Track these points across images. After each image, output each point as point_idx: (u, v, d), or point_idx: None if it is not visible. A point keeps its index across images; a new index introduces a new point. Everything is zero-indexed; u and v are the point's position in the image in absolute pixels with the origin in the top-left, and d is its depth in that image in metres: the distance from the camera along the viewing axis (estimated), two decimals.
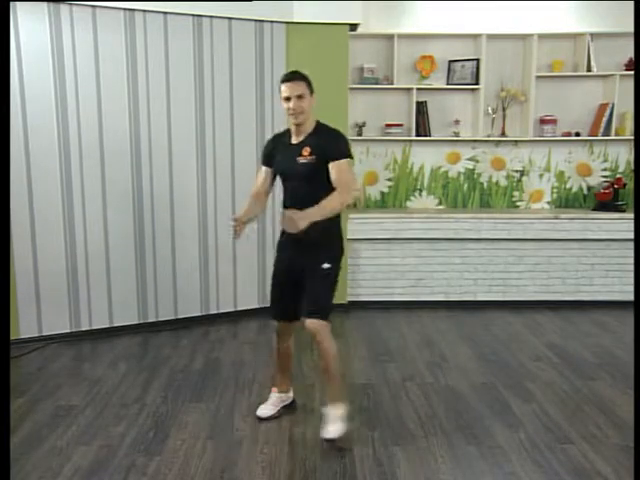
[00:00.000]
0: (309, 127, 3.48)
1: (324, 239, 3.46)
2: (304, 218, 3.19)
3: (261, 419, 3.78)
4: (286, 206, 3.52)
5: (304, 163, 3.43)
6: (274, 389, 3.91)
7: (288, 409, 3.92)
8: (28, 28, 4.78)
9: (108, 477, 3.17)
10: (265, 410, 3.83)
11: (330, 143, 3.42)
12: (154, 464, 3.28)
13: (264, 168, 3.72)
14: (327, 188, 3.39)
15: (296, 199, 3.45)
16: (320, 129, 3.50)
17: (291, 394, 3.97)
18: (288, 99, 3.39)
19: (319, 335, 3.45)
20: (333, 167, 3.39)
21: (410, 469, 3.24)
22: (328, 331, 3.49)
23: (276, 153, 3.62)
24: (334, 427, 3.49)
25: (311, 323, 3.45)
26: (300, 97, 3.38)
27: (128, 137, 5.23)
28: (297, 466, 3.27)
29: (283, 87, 3.41)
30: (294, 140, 3.52)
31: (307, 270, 3.50)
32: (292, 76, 3.43)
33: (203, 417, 3.83)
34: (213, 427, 3.70)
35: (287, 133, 3.60)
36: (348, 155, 3.44)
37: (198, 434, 3.61)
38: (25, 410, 3.93)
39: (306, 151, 3.43)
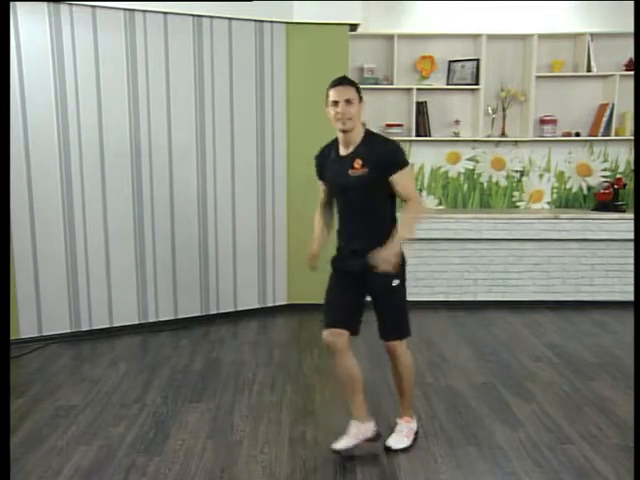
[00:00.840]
0: (358, 136, 3.26)
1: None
2: (394, 252, 3.19)
3: (335, 452, 3.37)
4: (341, 221, 3.39)
5: (356, 176, 3.22)
6: (352, 420, 3.47)
7: (371, 442, 3.47)
8: (28, 28, 4.78)
9: (108, 477, 3.17)
10: (342, 442, 3.39)
11: (387, 156, 3.22)
12: (154, 464, 3.28)
13: (320, 182, 3.52)
14: (382, 200, 3.29)
15: (351, 213, 3.33)
16: (371, 138, 3.29)
17: (372, 425, 3.46)
18: (336, 103, 3.18)
19: (396, 355, 3.42)
20: (397, 180, 3.22)
21: (410, 469, 3.24)
22: (405, 347, 3.44)
23: (326, 166, 3.41)
24: (400, 439, 3.46)
25: (392, 345, 3.40)
26: (348, 102, 3.18)
27: (128, 137, 5.23)
28: (297, 466, 3.27)
29: (331, 92, 3.21)
30: (343, 152, 3.30)
31: (376, 288, 3.37)
32: (341, 81, 3.24)
33: (203, 417, 3.83)
34: (213, 427, 3.70)
35: (335, 144, 3.36)
36: (406, 162, 3.27)
37: (198, 434, 3.61)
38: (25, 410, 3.93)
39: (358, 164, 3.21)
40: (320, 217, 3.58)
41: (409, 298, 4.61)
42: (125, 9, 5.05)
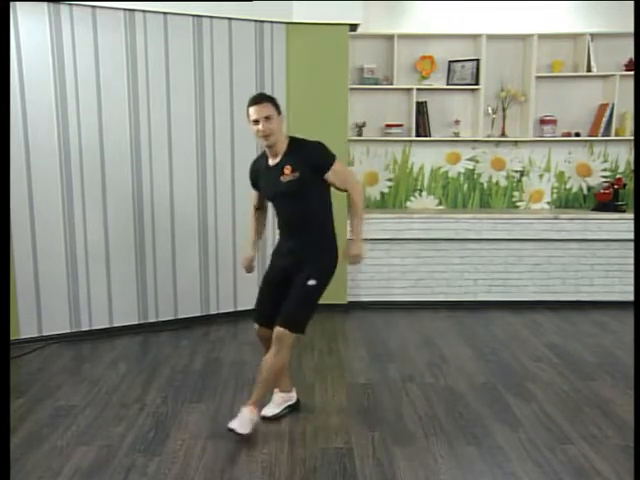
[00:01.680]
0: (283, 146, 3.49)
1: (314, 253, 3.53)
2: (360, 244, 3.56)
3: (265, 418, 3.74)
4: (281, 227, 3.64)
5: (288, 181, 3.44)
6: (276, 389, 3.87)
7: (293, 409, 3.90)
8: (28, 28, 4.78)
9: (108, 477, 3.16)
10: (269, 409, 3.80)
11: (313, 156, 3.47)
12: (154, 464, 3.28)
13: (255, 192, 3.82)
14: (315, 200, 3.51)
15: (289, 218, 3.57)
16: (295, 145, 3.51)
17: (294, 394, 3.94)
18: (257, 122, 3.40)
19: (279, 344, 3.48)
20: (330, 175, 3.47)
21: (410, 469, 3.24)
22: (289, 343, 3.51)
23: (259, 178, 3.67)
24: (243, 424, 3.49)
25: (278, 331, 3.47)
26: (268, 118, 3.39)
27: (128, 137, 5.23)
28: (297, 466, 3.27)
29: (250, 110, 3.42)
30: (271, 162, 3.54)
31: (294, 281, 3.52)
32: (258, 99, 3.44)
33: (203, 417, 3.83)
34: (213, 427, 3.70)
35: (264, 156, 3.62)
36: (334, 156, 3.50)
37: (198, 434, 3.61)
38: (25, 410, 3.93)
39: (287, 169, 3.44)
40: (253, 220, 3.91)
41: (409, 298, 4.71)
42: (125, 9, 5.05)
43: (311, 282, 3.48)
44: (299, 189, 3.44)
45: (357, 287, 6.18)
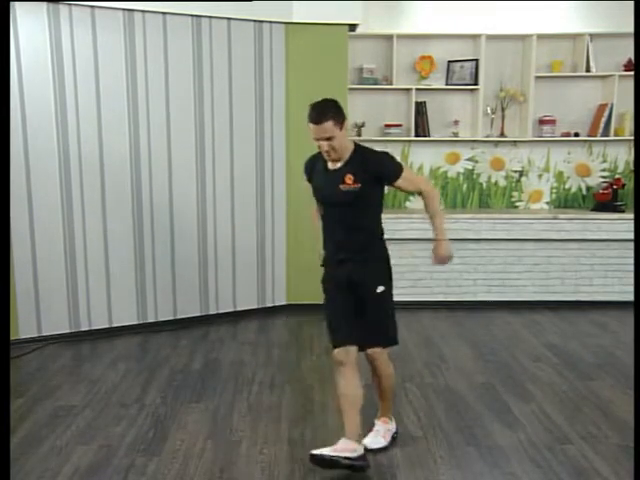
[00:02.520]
0: (346, 153, 3.24)
1: (371, 257, 3.34)
2: (446, 243, 3.45)
3: (312, 456, 3.21)
4: (328, 233, 3.39)
5: (347, 191, 3.21)
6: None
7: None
8: (27, 28, 4.78)
9: (107, 477, 3.17)
10: (322, 450, 3.21)
11: (380, 167, 3.25)
12: (153, 464, 3.28)
13: (308, 182, 3.52)
14: (369, 213, 3.33)
15: (337, 226, 3.32)
16: (360, 154, 3.27)
17: (360, 447, 3.28)
18: (318, 139, 3.17)
19: (378, 361, 3.39)
20: (403, 184, 3.29)
21: (409, 469, 3.24)
22: (386, 356, 3.42)
23: (313, 177, 3.42)
24: (376, 439, 3.46)
25: (374, 352, 3.35)
26: (329, 139, 3.14)
27: (127, 137, 5.23)
28: (296, 467, 3.27)
29: (311, 127, 3.16)
30: (331, 166, 3.29)
31: (360, 295, 3.31)
32: (318, 118, 3.13)
33: (202, 417, 3.83)
34: (212, 427, 3.70)
35: (322, 156, 3.31)
36: (401, 165, 3.31)
37: (197, 434, 3.61)
38: (25, 410, 3.93)
39: (349, 179, 3.20)
40: (317, 220, 3.55)
41: (408, 298, 4.67)
42: (124, 9, 5.04)
43: (380, 289, 3.32)
44: (357, 200, 3.22)
45: None
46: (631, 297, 6.11)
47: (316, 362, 4.81)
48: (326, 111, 3.15)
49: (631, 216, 6.06)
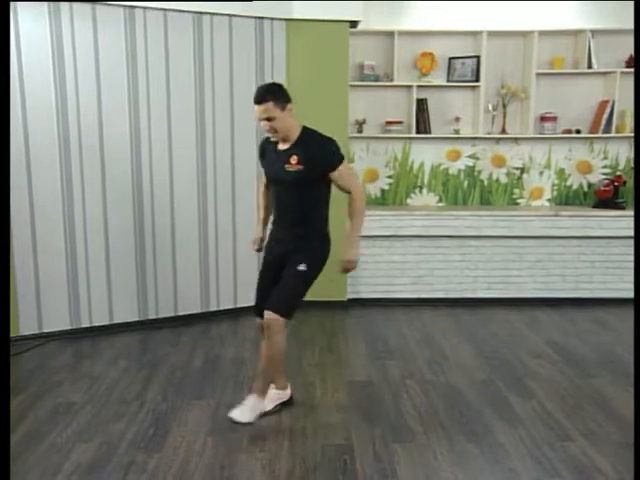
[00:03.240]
0: (294, 135, 3.48)
1: (306, 242, 3.55)
2: (356, 249, 3.53)
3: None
4: (277, 213, 3.66)
5: (292, 171, 3.45)
6: (272, 385, 3.83)
7: (286, 406, 3.89)
8: (28, 24, 4.77)
9: (108, 474, 3.17)
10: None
11: (321, 154, 3.45)
12: (154, 461, 3.29)
13: (262, 162, 3.78)
14: (314, 195, 3.53)
15: (283, 204, 3.59)
16: (307, 137, 3.49)
17: (289, 391, 3.93)
18: (260, 119, 3.42)
19: (269, 330, 3.49)
20: (335, 176, 3.46)
21: (410, 466, 3.24)
22: (281, 326, 3.50)
23: (266, 156, 3.68)
24: (242, 412, 3.53)
25: (268, 314, 3.47)
26: (269, 119, 3.38)
27: (128, 134, 5.23)
28: (297, 463, 3.27)
29: (255, 108, 3.40)
30: (281, 146, 3.53)
31: (285, 267, 3.55)
32: (258, 98, 3.38)
33: (203, 414, 3.84)
34: (213, 424, 3.70)
35: None
36: (342, 158, 3.49)
37: (198, 431, 3.61)
38: (25, 407, 3.93)
39: (294, 159, 3.44)
40: (262, 199, 3.89)
41: (409, 295, 4.67)
42: (125, 6, 5.03)
43: (301, 267, 3.49)
44: (301, 181, 3.44)
45: (357, 284, 6.17)
46: (631, 294, 6.11)
47: (317, 358, 4.81)
48: (266, 93, 3.40)
49: (632, 213, 6.05)
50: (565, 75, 6.36)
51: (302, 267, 3.49)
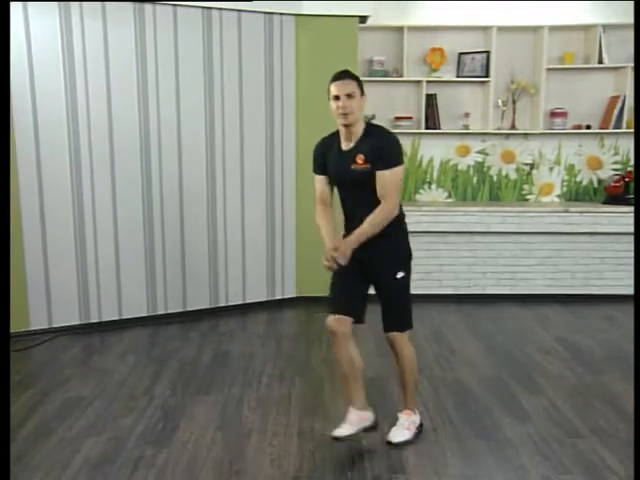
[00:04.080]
0: (359, 130, 3.26)
1: (387, 244, 3.31)
2: (347, 247, 3.20)
3: (336, 439, 3.34)
4: (347, 215, 3.41)
5: (359, 171, 3.23)
6: (351, 407, 3.44)
7: (368, 431, 3.47)
8: (38, 21, 4.78)
9: (117, 468, 3.18)
10: (342, 430, 3.34)
11: (382, 151, 3.21)
12: (163, 456, 3.30)
13: (318, 177, 3.47)
14: None
15: (354, 206, 3.35)
16: (372, 132, 3.28)
17: (371, 414, 3.47)
18: (337, 98, 3.18)
19: (398, 346, 3.44)
20: (379, 177, 3.21)
21: (419, 462, 3.24)
22: (407, 339, 3.47)
23: (328, 159, 3.39)
24: (400, 432, 3.45)
25: (393, 336, 3.43)
26: (350, 96, 3.16)
27: (138, 130, 5.24)
28: (306, 459, 3.28)
29: (332, 86, 3.20)
30: (344, 146, 3.31)
31: (380, 279, 3.39)
32: (342, 75, 3.22)
33: (212, 409, 3.84)
34: (222, 419, 3.71)
35: (336, 137, 3.36)
36: (399, 163, 3.25)
37: (207, 426, 3.62)
38: (35, 402, 3.95)
39: (360, 159, 3.22)
40: (323, 217, 3.49)
41: (417, 291, 4.56)
42: (134, 1, 5.04)
43: (399, 275, 3.36)
44: (369, 180, 3.22)
45: None
46: None
47: (325, 354, 4.81)
48: (350, 73, 3.27)
49: None
50: (575, 70, 6.33)
51: (400, 274, 3.36)
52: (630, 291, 6.15)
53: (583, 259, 6.18)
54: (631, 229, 6.02)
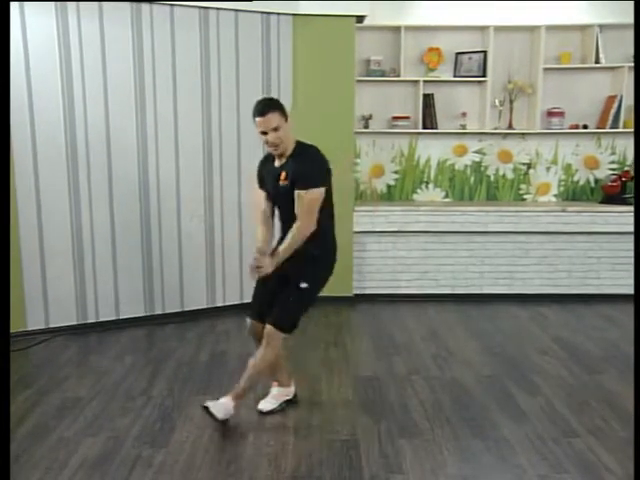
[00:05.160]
0: (289, 150, 3.47)
1: (307, 257, 3.48)
2: (273, 264, 3.41)
3: (262, 413, 3.77)
4: (280, 219, 3.65)
5: (283, 186, 3.46)
6: (275, 383, 3.87)
7: (290, 403, 3.89)
8: (35, 21, 4.77)
9: (114, 469, 3.18)
10: (267, 404, 3.82)
11: (300, 173, 3.39)
12: (160, 456, 3.29)
13: (258, 190, 3.73)
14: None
15: (285, 215, 3.57)
16: (300, 153, 3.47)
17: (292, 388, 3.93)
18: (264, 133, 3.37)
19: (267, 342, 3.51)
20: (298, 195, 3.40)
21: (416, 461, 3.24)
22: (278, 343, 3.55)
23: (265, 174, 3.65)
24: (219, 408, 3.51)
25: (269, 329, 3.51)
26: (276, 129, 3.35)
27: (135, 130, 5.23)
28: (303, 459, 3.27)
29: (257, 121, 3.37)
30: (277, 163, 3.53)
31: (287, 281, 3.52)
32: (264, 110, 3.36)
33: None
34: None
35: (271, 156, 3.59)
36: (316, 185, 3.39)
37: (204, 426, 3.61)
38: (32, 402, 3.94)
39: (283, 175, 3.46)
40: (262, 222, 3.69)
41: (414, 291, 4.65)
42: (132, 0, 5.03)
43: (303, 285, 3.50)
44: (291, 196, 3.42)
45: (363, 280, 6.17)
46: None
47: (322, 354, 4.82)
48: (271, 103, 3.45)
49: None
50: (572, 70, 6.34)
51: (304, 285, 3.50)
52: (627, 290, 6.16)
53: (580, 258, 6.19)
54: (628, 228, 6.04)
